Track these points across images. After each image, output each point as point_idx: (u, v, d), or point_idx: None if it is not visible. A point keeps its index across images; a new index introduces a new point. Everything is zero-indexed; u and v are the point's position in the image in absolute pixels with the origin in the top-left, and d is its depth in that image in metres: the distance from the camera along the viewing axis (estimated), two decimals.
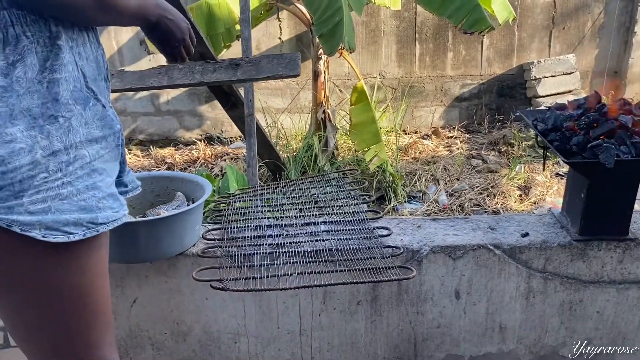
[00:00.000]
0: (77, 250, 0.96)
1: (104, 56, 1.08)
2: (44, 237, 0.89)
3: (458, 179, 4.23)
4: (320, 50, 4.29)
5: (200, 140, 5.24)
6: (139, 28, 1.11)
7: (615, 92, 5.18)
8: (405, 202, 3.90)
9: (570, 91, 5.06)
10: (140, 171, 4.55)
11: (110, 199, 0.99)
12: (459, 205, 3.85)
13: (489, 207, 3.81)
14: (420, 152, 4.77)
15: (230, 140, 5.32)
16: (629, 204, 1.59)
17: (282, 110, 5.19)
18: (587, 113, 1.56)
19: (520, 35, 5.12)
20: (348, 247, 1.59)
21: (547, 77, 5.04)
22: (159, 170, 4.62)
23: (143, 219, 1.54)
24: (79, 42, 0.97)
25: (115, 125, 1.04)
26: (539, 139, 1.66)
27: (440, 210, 3.79)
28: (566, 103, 1.68)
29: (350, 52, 3.61)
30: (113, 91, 2.68)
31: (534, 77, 5.04)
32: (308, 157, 4.17)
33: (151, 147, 5.19)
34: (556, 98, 4.93)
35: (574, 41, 5.15)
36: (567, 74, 5.06)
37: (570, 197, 1.71)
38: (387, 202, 3.88)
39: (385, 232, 1.71)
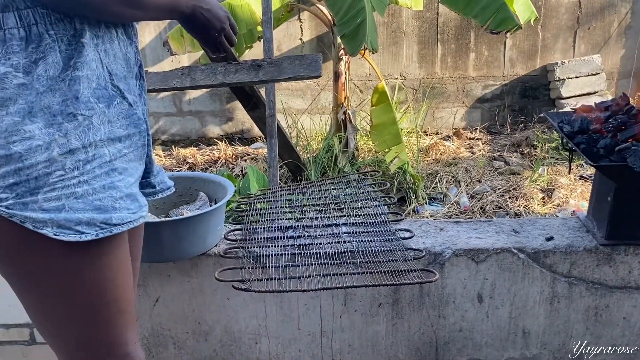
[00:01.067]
0: (92, 249, 0.94)
1: (137, 54, 1.06)
2: (55, 235, 0.89)
3: (479, 181, 4.18)
4: (341, 51, 4.28)
5: (221, 141, 5.27)
6: (161, 28, 1.11)
7: None
8: (425, 203, 3.87)
9: (595, 92, 4.97)
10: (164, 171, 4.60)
11: (128, 199, 0.97)
12: (481, 208, 3.80)
13: (510, 209, 3.76)
14: (441, 154, 4.73)
15: (251, 141, 5.35)
16: None
17: (302, 111, 5.20)
18: (615, 115, 1.53)
19: (544, 36, 5.04)
20: (370, 249, 1.58)
21: (572, 78, 4.96)
22: (180, 170, 4.66)
23: (166, 219, 1.55)
24: (105, 39, 0.96)
25: (142, 125, 1.03)
26: (565, 141, 1.63)
27: (461, 213, 3.76)
28: (592, 105, 1.65)
29: (373, 53, 3.60)
30: None
31: (557, 78, 4.96)
32: (328, 158, 4.17)
33: (173, 147, 5.24)
34: (581, 99, 4.84)
35: (599, 41, 5.06)
36: (592, 74, 4.97)
37: (597, 201, 1.68)
38: (407, 203, 3.85)
39: (407, 234, 1.70)
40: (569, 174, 4.01)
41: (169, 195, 1.71)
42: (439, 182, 4.16)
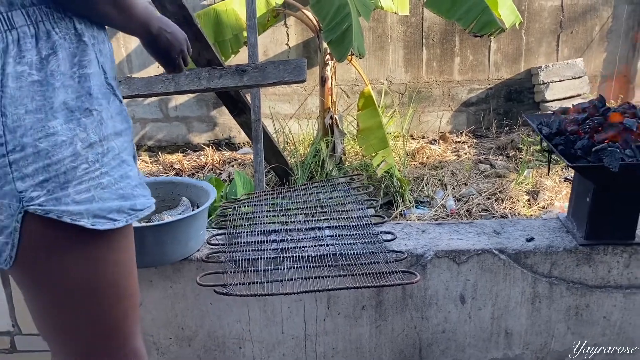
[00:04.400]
0: (116, 240, 1.00)
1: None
2: (92, 225, 0.92)
3: (466, 184, 4.21)
4: (327, 56, 4.30)
5: (208, 146, 5.26)
6: None
7: (624, 95, 5.14)
8: (412, 207, 3.88)
9: (578, 95, 5.03)
10: (147, 177, 4.58)
11: (141, 187, 1.03)
12: (467, 210, 3.83)
13: (496, 212, 3.79)
14: (427, 157, 4.76)
15: (239, 146, 5.34)
16: (635, 208, 1.58)
17: (290, 116, 5.20)
18: (592, 117, 1.56)
19: (528, 40, 5.10)
20: (352, 252, 1.59)
21: (555, 81, 5.01)
22: (166, 176, 4.64)
23: (148, 224, 1.55)
24: (99, 39, 0.99)
25: (130, 120, 1.08)
26: (544, 143, 1.65)
27: (448, 216, 3.78)
28: (570, 107, 1.67)
29: (360, 58, 3.62)
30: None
31: (542, 82, 5.02)
32: (316, 162, 4.17)
33: (159, 153, 5.22)
34: (564, 102, 4.90)
35: (582, 45, 5.12)
36: (575, 78, 5.04)
37: (576, 202, 1.71)
38: (394, 207, 3.87)
39: (389, 236, 1.71)
40: (548, 175, 4.05)
41: None
42: (426, 185, 4.18)
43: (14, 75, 0.86)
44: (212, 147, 5.25)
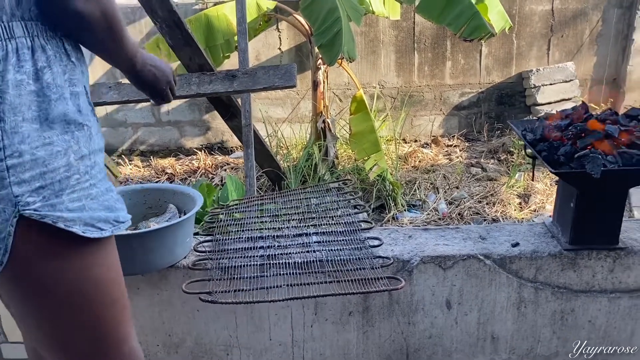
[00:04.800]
0: (102, 248, 1.03)
1: None
2: (83, 232, 0.97)
3: (457, 188, 4.23)
4: (319, 60, 4.31)
5: (200, 151, 5.26)
6: (138, 40, 1.15)
7: (614, 99, 5.17)
8: (405, 210, 3.90)
9: (569, 99, 5.06)
10: (141, 182, 4.58)
11: (120, 202, 1.08)
12: (459, 214, 3.84)
13: (488, 215, 3.81)
14: (419, 161, 4.78)
15: (231, 150, 5.35)
16: (618, 213, 1.60)
17: (282, 120, 5.21)
18: (575, 123, 1.57)
19: (519, 44, 5.13)
20: (339, 258, 1.60)
21: (547, 85, 5.04)
22: (159, 181, 4.64)
23: (134, 231, 1.55)
24: (82, 61, 1.04)
25: (103, 139, 1.10)
26: (529, 150, 1.67)
27: (439, 219, 3.79)
28: (554, 113, 1.69)
29: (350, 62, 3.63)
30: (111, 103, 2.72)
31: (533, 85, 5.05)
32: (308, 166, 4.18)
33: (152, 157, 5.22)
34: (556, 106, 4.93)
35: (572, 49, 5.15)
36: (566, 81, 5.06)
37: (561, 207, 1.72)
38: (387, 210, 3.88)
39: (376, 242, 1.71)
40: (533, 180, 4.07)
41: (139, 207, 1.73)
42: (418, 189, 4.20)
43: (13, 83, 0.89)
44: (205, 152, 5.25)
